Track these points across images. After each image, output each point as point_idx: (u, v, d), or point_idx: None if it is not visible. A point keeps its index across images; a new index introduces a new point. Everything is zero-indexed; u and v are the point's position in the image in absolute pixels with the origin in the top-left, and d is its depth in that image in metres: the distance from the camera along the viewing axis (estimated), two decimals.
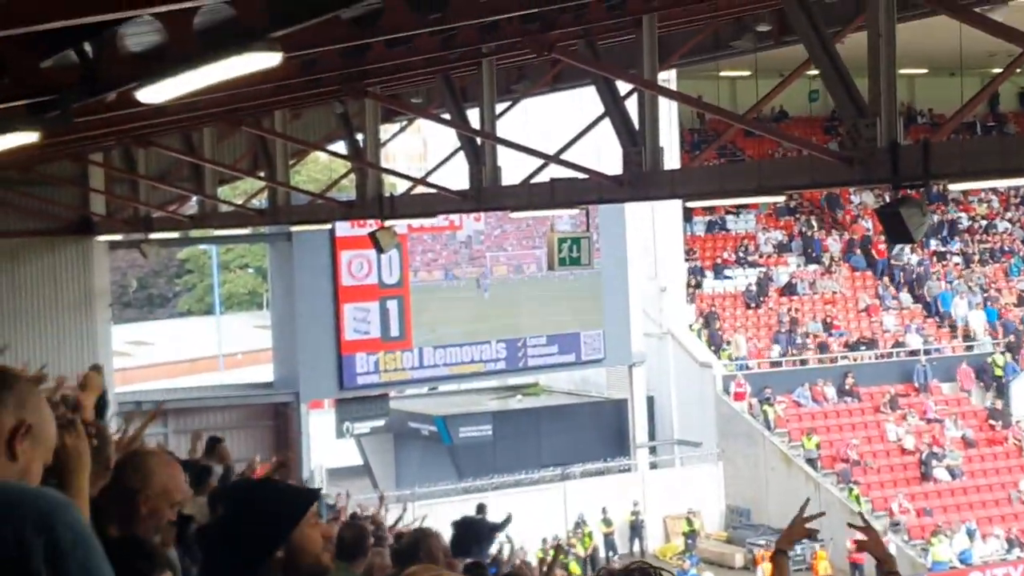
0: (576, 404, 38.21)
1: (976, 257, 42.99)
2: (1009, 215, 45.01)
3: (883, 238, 40.49)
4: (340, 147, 21.74)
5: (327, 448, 34.99)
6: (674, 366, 38.32)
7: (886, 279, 41.37)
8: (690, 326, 38.87)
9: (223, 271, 68.94)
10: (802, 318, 39.53)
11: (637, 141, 13.76)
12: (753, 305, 39.98)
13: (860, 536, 5.21)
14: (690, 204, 33.14)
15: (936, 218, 42.05)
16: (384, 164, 20.08)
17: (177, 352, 58.98)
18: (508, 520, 15.41)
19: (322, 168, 59.36)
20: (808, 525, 5.14)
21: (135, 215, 25.64)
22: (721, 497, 36.24)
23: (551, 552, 27.07)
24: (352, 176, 19.89)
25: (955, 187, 36.51)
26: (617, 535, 34.32)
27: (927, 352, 38.94)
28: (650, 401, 38.03)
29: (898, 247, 40.41)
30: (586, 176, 14.68)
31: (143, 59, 7.96)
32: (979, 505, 34.92)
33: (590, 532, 33.65)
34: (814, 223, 42.95)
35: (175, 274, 72.34)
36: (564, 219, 32.32)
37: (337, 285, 32.12)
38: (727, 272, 40.73)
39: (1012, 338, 39.71)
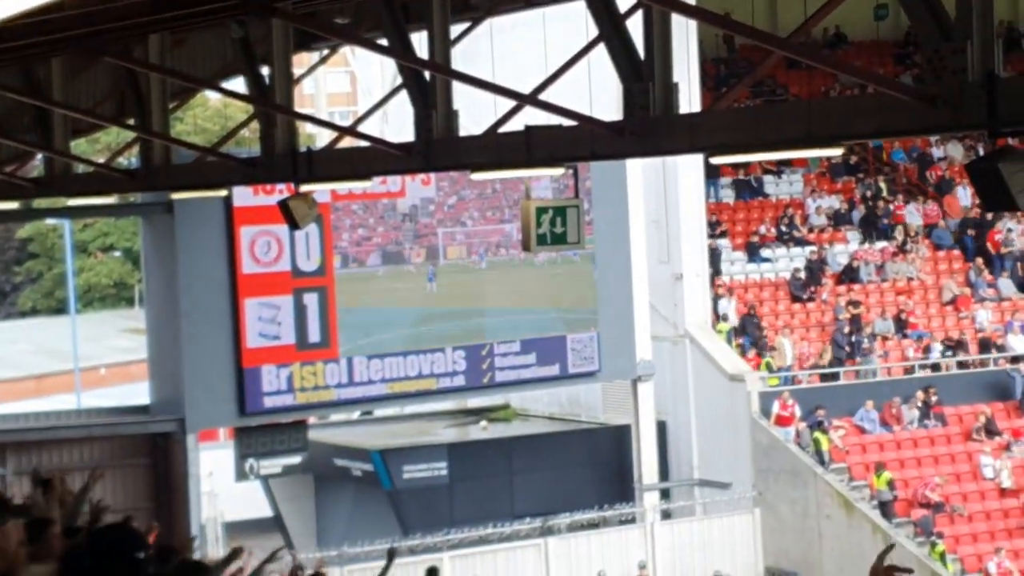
0: (561, 433, 38.26)
1: None
2: None
3: (977, 204, 40.70)
4: (239, 85, 21.68)
5: (224, 495, 34.88)
6: (694, 380, 38.40)
7: (980, 260, 41.55)
8: (716, 326, 38.95)
9: (80, 255, 68.81)
10: (867, 314, 39.66)
11: (643, 75, 13.78)
12: (802, 297, 40.10)
13: None
14: (716, 160, 32.98)
15: None
16: (299, 108, 20.04)
17: (18, 365, 58.79)
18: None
19: (214, 114, 59.36)
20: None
21: None
22: (758, 555, 36.36)
23: None
24: (255, 124, 19.83)
25: None
26: None
27: None
28: (661, 428, 38.09)
29: (997, 216, 40.53)
30: (574, 123, 14.68)
31: None
32: None
33: None
34: (883, 186, 43.07)
35: (14, 259, 72.17)
36: (544, 183, 32.34)
37: (236, 273, 32.02)
38: (765, 253, 40.82)
39: None
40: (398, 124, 20.97)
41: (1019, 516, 35.83)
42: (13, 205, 28.19)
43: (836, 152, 38.14)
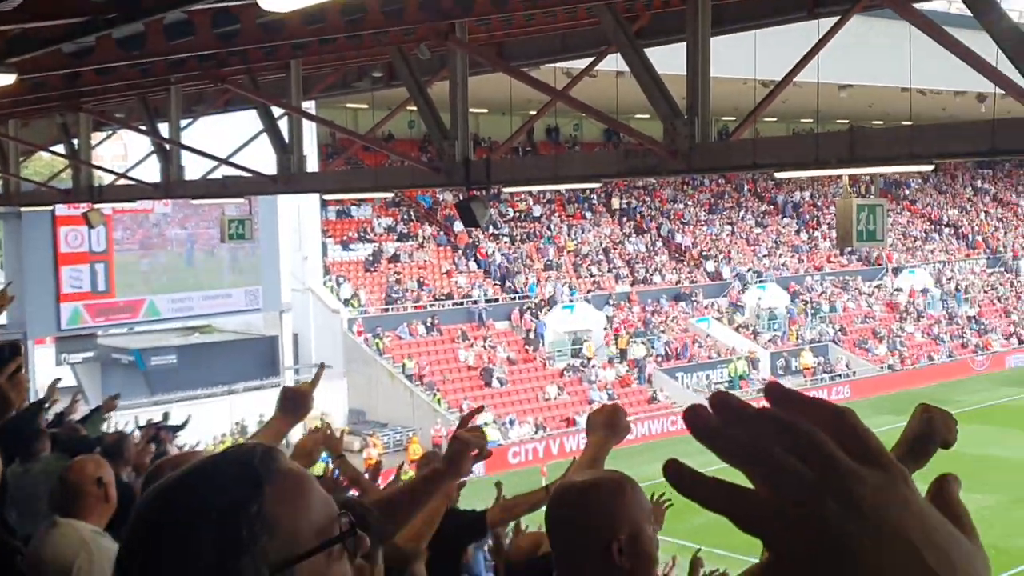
0: (240, 340, 37.30)
1: (519, 237, 44.83)
2: (540, 209, 47.15)
3: (460, 224, 41.61)
4: (60, 148, 20.28)
5: (49, 374, 32.60)
6: (313, 312, 38.02)
7: (460, 252, 42.50)
8: (325, 284, 38.66)
9: None
10: (404, 279, 40.08)
11: (288, 150, 13.62)
12: (371, 269, 40.19)
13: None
14: (326, 196, 32.92)
15: (492, 211, 43.41)
16: (94, 162, 18.90)
17: None
18: (187, 421, 14.86)
19: (46, 164, 54.95)
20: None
21: None
22: (346, 403, 36.37)
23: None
24: (69, 171, 18.65)
25: (507, 189, 37.95)
26: None
27: (488, 301, 40.35)
28: (295, 338, 37.59)
29: (472, 230, 41.55)
30: (250, 175, 14.40)
31: None
32: (519, 403, 36.60)
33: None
34: (412, 213, 43.54)
35: None
36: (232, 207, 31.43)
37: (57, 252, 30.09)
38: (351, 246, 40.70)
39: (540, 291, 41.72)
40: (151, 171, 19.99)
41: (478, 380, 36.81)
42: None
43: (388, 194, 38.35)
